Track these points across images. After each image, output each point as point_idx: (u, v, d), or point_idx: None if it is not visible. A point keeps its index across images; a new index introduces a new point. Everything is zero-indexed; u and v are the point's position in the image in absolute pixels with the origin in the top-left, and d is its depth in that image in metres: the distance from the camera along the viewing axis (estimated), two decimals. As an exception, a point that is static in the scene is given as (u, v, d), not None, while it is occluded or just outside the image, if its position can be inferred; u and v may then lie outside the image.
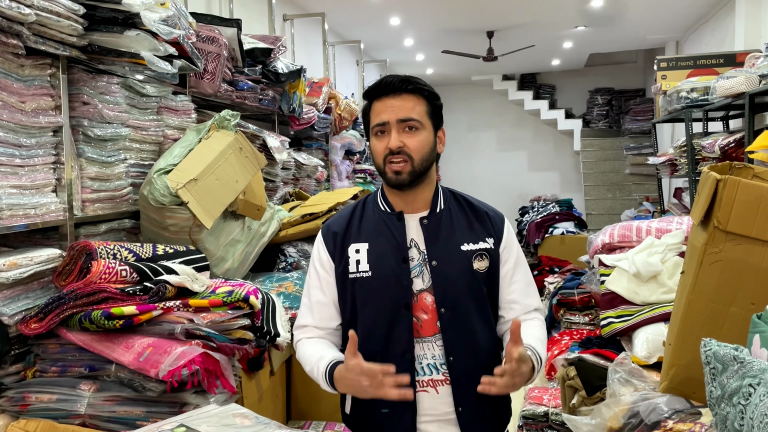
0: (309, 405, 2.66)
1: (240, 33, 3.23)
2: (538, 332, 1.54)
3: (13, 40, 1.73)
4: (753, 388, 0.91)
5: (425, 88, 1.51)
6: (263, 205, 2.78)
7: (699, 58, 5.37)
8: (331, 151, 5.09)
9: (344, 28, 7.05)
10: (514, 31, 7.38)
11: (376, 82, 1.53)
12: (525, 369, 1.36)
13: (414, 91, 1.49)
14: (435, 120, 1.53)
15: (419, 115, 1.48)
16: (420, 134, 1.48)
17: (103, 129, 2.16)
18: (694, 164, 4.71)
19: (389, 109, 1.47)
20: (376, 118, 1.50)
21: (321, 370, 1.46)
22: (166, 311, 1.79)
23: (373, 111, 1.51)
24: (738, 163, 1.65)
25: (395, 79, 1.49)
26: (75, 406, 1.68)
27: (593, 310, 3.85)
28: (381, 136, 1.49)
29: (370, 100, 1.53)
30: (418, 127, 1.48)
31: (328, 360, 1.46)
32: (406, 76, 1.50)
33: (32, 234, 2.09)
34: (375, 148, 1.51)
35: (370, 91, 1.53)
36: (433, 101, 1.52)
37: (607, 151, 9.84)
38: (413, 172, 1.48)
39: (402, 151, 1.46)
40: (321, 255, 1.58)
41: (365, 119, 1.56)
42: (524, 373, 1.36)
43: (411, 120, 1.47)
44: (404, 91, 1.48)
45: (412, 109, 1.48)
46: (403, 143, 1.46)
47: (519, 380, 1.36)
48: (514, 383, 1.36)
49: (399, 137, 1.46)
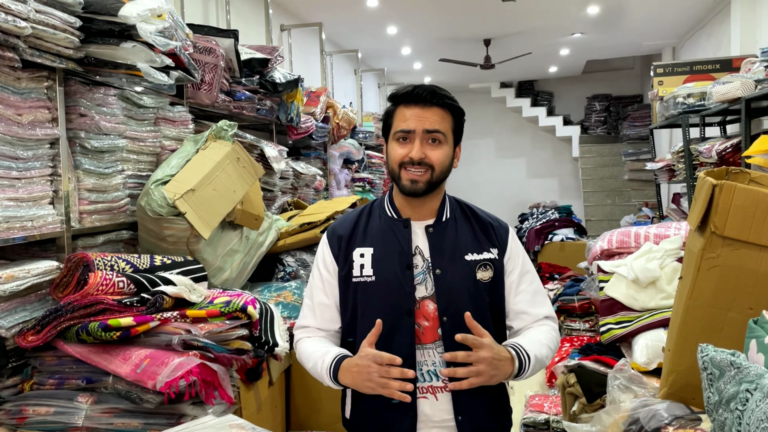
0: (308, 415, 2.65)
1: (237, 43, 3.24)
2: (539, 334, 1.53)
3: (9, 53, 1.74)
4: (750, 394, 0.91)
5: (454, 104, 1.53)
6: (261, 214, 2.78)
7: (695, 63, 5.39)
8: (329, 160, 5.10)
9: (341, 38, 7.08)
10: (511, 38, 7.41)
11: (407, 88, 1.52)
12: (486, 354, 1.36)
13: (443, 105, 1.50)
14: (456, 135, 1.55)
15: (444, 129, 1.50)
16: (442, 147, 1.50)
17: (100, 140, 2.16)
18: (691, 169, 4.71)
19: (416, 118, 1.48)
20: (401, 124, 1.50)
21: (327, 362, 1.46)
22: (164, 322, 1.79)
23: (399, 116, 1.51)
24: (734, 168, 1.66)
25: (426, 91, 1.49)
26: (72, 418, 1.67)
27: (593, 316, 3.85)
28: (403, 143, 1.50)
29: (395, 104, 1.53)
30: (441, 140, 1.49)
31: (336, 353, 1.47)
32: (435, 88, 1.51)
33: (29, 246, 2.09)
34: (394, 153, 1.51)
35: (398, 95, 1.52)
36: (458, 117, 1.54)
37: (605, 157, 9.85)
38: (430, 182, 1.49)
39: (423, 162, 1.48)
40: (325, 257, 1.58)
41: (386, 121, 1.56)
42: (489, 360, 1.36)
43: (437, 132, 1.48)
44: (434, 104, 1.49)
45: (440, 123, 1.49)
46: (425, 155, 1.48)
47: (485, 368, 1.36)
48: (479, 371, 1.36)
49: (422, 148, 1.47)
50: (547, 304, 1.60)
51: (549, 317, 1.59)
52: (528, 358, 1.44)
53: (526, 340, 1.49)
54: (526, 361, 1.44)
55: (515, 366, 1.42)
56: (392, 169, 1.52)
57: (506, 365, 1.40)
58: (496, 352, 1.38)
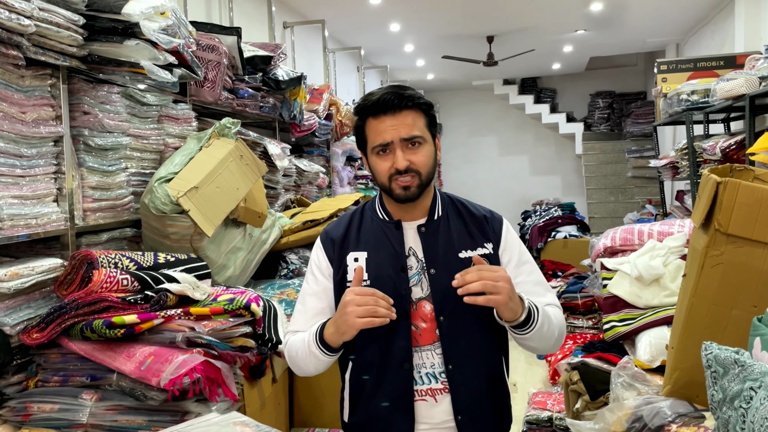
0: (311, 412, 2.65)
1: (240, 41, 3.24)
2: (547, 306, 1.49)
3: (13, 51, 1.74)
4: (754, 392, 0.91)
5: (422, 101, 1.48)
6: (264, 212, 2.79)
7: (699, 60, 5.37)
8: (332, 158, 5.10)
9: (344, 35, 7.07)
10: (514, 35, 7.40)
11: (370, 98, 1.47)
12: (505, 274, 1.33)
13: (413, 106, 1.46)
14: (432, 130, 1.51)
15: (420, 130, 1.46)
16: (423, 148, 1.47)
17: (104, 138, 2.16)
18: (695, 167, 4.70)
19: (390, 129, 1.44)
20: (377, 138, 1.46)
21: (313, 331, 1.45)
22: (168, 320, 1.79)
23: (371, 129, 1.47)
24: (738, 165, 1.65)
25: (392, 96, 1.44)
26: (77, 415, 1.68)
27: (596, 313, 3.85)
28: (383, 155, 1.47)
29: (363, 117, 1.49)
30: (421, 142, 1.46)
31: (320, 324, 1.46)
32: (399, 90, 1.46)
33: (34, 244, 2.09)
34: (378, 168, 1.48)
35: (366, 108, 1.48)
36: (429, 112, 1.50)
37: (608, 154, 9.84)
38: (421, 185, 1.47)
39: (410, 169, 1.45)
40: (320, 261, 1.57)
41: (360, 136, 1.52)
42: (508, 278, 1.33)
43: (414, 137, 1.45)
44: (403, 108, 1.45)
45: (414, 126, 1.45)
46: (410, 161, 1.44)
47: (504, 285, 1.32)
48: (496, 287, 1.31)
49: (404, 156, 1.44)
50: (549, 294, 1.55)
51: (550, 304, 1.53)
52: (537, 309, 1.41)
53: (539, 303, 1.46)
54: (535, 311, 1.39)
55: (525, 307, 1.38)
56: (381, 183, 1.49)
57: (518, 301, 1.36)
58: (510, 281, 1.34)
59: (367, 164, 1.54)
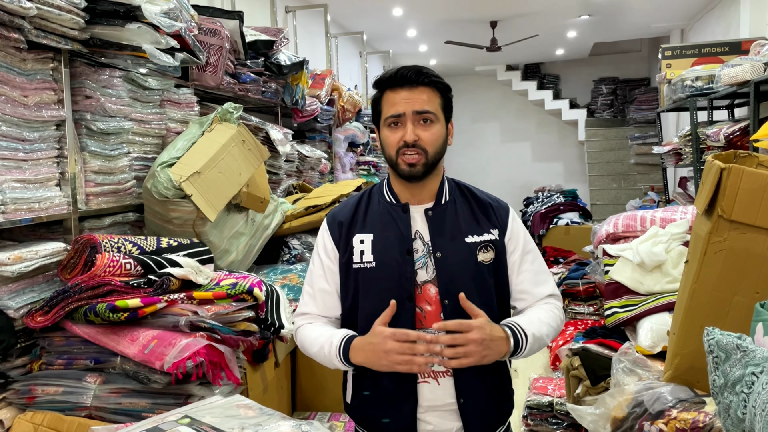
0: (314, 396, 2.67)
1: (242, 25, 3.23)
2: (540, 313, 1.52)
3: (14, 35, 1.73)
4: (756, 377, 0.91)
5: (440, 81, 1.50)
6: (267, 197, 2.79)
7: (704, 46, 5.33)
8: (334, 143, 5.09)
9: (347, 20, 7.03)
10: (517, 20, 7.34)
11: (390, 71, 1.50)
12: (475, 336, 1.34)
13: (429, 83, 1.48)
14: (447, 113, 1.53)
15: (434, 108, 1.47)
16: (434, 127, 1.48)
17: (106, 122, 2.16)
18: (699, 153, 4.68)
19: (404, 101, 1.46)
20: (390, 109, 1.48)
21: (335, 344, 1.45)
22: (171, 304, 1.80)
23: (386, 101, 1.50)
24: (742, 151, 1.64)
25: (411, 71, 1.47)
26: (81, 398, 1.69)
27: (598, 300, 3.86)
28: (395, 128, 1.48)
29: (381, 90, 1.52)
30: (433, 119, 1.47)
31: (344, 334, 1.46)
32: (419, 67, 1.48)
33: (37, 228, 2.10)
34: (388, 140, 1.49)
35: (383, 80, 1.50)
36: (446, 94, 1.52)
37: (611, 140, 9.80)
38: (427, 164, 1.48)
39: (417, 144, 1.46)
40: (326, 243, 1.58)
41: (375, 109, 1.54)
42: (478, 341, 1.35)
43: (427, 112, 1.46)
44: (420, 84, 1.47)
45: (428, 102, 1.47)
46: (419, 136, 1.46)
47: (475, 348, 1.34)
48: (467, 351, 1.34)
49: (414, 130, 1.46)
50: (550, 283, 1.59)
51: (552, 295, 1.57)
52: (525, 336, 1.43)
53: (525, 319, 1.49)
54: (522, 340, 1.43)
55: (510, 344, 1.41)
56: (389, 155, 1.51)
57: (500, 344, 1.39)
58: (488, 333, 1.37)
59: (379, 138, 1.55)
